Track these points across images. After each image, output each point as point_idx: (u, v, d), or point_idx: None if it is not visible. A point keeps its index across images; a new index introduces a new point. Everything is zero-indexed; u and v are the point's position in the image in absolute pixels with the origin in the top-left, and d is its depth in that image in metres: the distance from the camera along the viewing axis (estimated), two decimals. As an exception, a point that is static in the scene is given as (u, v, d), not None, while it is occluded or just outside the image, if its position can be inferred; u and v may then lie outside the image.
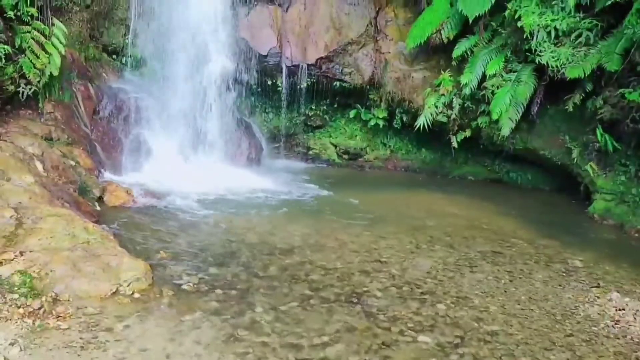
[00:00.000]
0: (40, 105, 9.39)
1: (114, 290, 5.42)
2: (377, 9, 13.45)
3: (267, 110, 14.01)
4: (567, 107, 10.18)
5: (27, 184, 7.11)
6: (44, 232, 6.06)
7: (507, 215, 9.99)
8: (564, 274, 7.28)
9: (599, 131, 9.70)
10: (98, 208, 8.50)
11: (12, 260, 5.39)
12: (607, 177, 10.09)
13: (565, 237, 8.84)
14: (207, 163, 11.76)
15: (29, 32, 9.07)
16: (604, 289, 6.78)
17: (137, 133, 11.10)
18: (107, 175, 10.09)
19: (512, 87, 10.61)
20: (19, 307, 4.79)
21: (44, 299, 4.98)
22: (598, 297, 6.50)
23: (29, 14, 9.12)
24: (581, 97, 10.04)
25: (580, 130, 10.43)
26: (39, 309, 4.84)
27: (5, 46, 8.48)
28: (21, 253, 5.55)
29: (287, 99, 13.60)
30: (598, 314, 6.08)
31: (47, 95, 9.55)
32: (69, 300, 5.10)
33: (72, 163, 8.92)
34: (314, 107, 14.01)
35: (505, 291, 6.56)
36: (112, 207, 8.77)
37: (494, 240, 8.48)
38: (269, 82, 13.41)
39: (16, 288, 5.03)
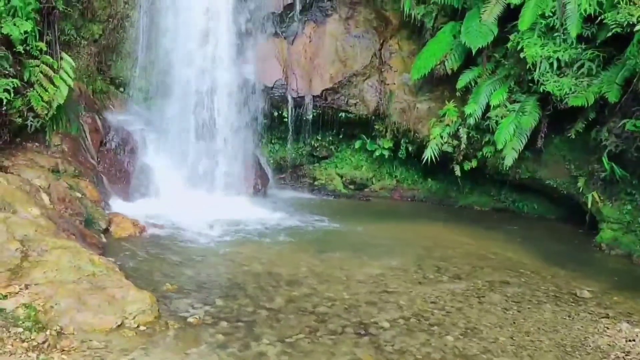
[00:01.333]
0: (47, 137, 9.48)
1: (119, 323, 5.38)
2: (381, 41, 13.60)
3: (273, 141, 14.09)
4: (569, 135, 10.19)
5: (33, 216, 7.12)
6: (49, 264, 6.04)
7: (514, 245, 9.92)
8: (573, 304, 7.19)
9: (604, 160, 9.68)
10: (104, 240, 8.50)
11: (17, 293, 5.38)
12: (614, 206, 10.03)
13: (573, 267, 8.76)
14: (214, 194, 11.77)
15: (38, 66, 9.22)
16: (614, 320, 6.69)
17: (144, 164, 11.17)
18: (114, 206, 10.12)
19: (516, 117, 10.64)
20: (23, 341, 4.75)
21: (48, 332, 4.95)
22: (608, 328, 6.41)
23: (38, 48, 9.28)
24: (584, 126, 10.06)
25: (586, 159, 10.43)
26: (44, 342, 4.80)
27: (14, 80, 8.61)
28: (26, 286, 5.53)
29: (293, 130, 13.68)
30: (608, 345, 5.98)
31: (54, 127, 9.65)
32: (73, 334, 5.06)
33: (79, 195, 8.96)
34: (319, 138, 14.08)
35: (514, 322, 6.48)
36: (118, 238, 8.77)
37: (502, 270, 8.41)
38: (275, 114, 13.50)
39: (20, 321, 5.00)
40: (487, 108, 11.10)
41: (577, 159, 10.68)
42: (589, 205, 10.19)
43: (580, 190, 10.51)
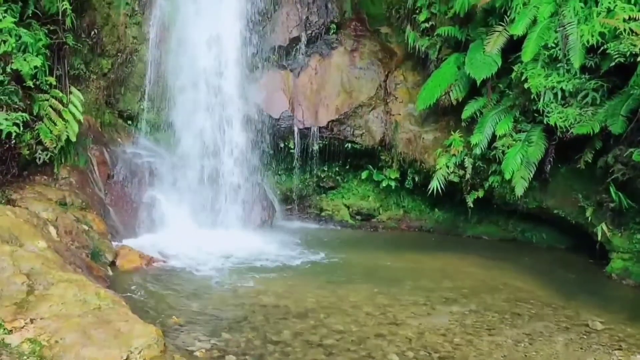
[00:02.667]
0: (55, 170, 9.55)
1: (124, 357, 5.31)
2: (386, 73, 13.74)
3: (279, 172, 14.14)
4: (579, 165, 10.15)
5: (40, 249, 7.12)
6: (55, 298, 6.01)
7: (524, 275, 9.81)
8: (585, 336, 7.07)
9: (612, 189, 9.63)
10: (110, 272, 8.48)
11: (23, 327, 5.34)
12: (623, 235, 9.93)
13: (584, 298, 8.64)
14: (220, 226, 11.78)
15: (47, 100, 9.35)
16: (627, 352, 6.56)
17: (151, 197, 11.20)
18: (120, 239, 10.12)
19: (522, 146, 10.64)
20: (28, 376, 4.71)
21: (53, 367, 4.90)
22: (621, 361, 6.29)
23: (48, 82, 9.42)
24: (592, 155, 10.03)
25: (593, 188, 10.36)
26: (49, 377, 4.75)
27: (24, 114, 8.72)
28: (31, 320, 5.49)
29: (300, 161, 13.74)
30: (623, 378, 5.86)
31: (62, 160, 9.73)
32: (78, 369, 5.01)
33: (86, 227, 8.97)
34: (326, 169, 14.12)
35: (526, 355, 6.37)
36: (125, 271, 8.75)
37: (512, 301, 8.30)
38: (282, 145, 13.58)
39: (25, 357, 4.95)
40: (493, 138, 11.12)
41: (584, 188, 10.62)
42: (599, 235, 10.09)
43: (589, 220, 10.43)
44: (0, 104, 8.50)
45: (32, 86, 9.09)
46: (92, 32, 11.44)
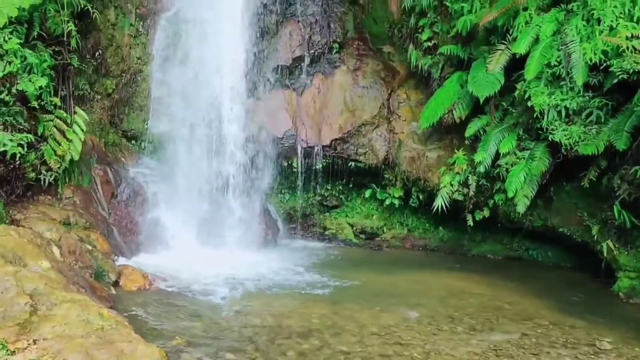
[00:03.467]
0: (59, 190, 9.57)
1: (127, 379, 5.27)
2: (389, 91, 13.78)
3: (283, 191, 14.13)
4: (583, 183, 10.11)
5: (43, 269, 7.10)
6: (58, 318, 5.98)
7: (530, 295, 9.73)
8: (593, 356, 6.98)
9: (616, 208, 9.58)
10: (114, 292, 8.45)
11: (25, 348, 5.30)
12: (629, 254, 9.86)
13: (591, 317, 8.55)
14: (224, 245, 11.73)
15: (52, 121, 9.40)
16: (637, 373, 6.48)
17: (154, 216, 11.21)
18: (124, 258, 10.11)
19: (526, 164, 10.61)
20: (30, 399, 4.66)
21: (55, 389, 4.85)
22: (631, 382, 6.20)
23: (53, 103, 9.48)
24: (596, 174, 9.99)
25: (598, 206, 10.31)
26: (51, 400, 4.70)
27: (28, 135, 8.76)
28: (34, 341, 5.45)
29: (303, 180, 13.73)
30: (632, 399, 5.77)
31: (66, 180, 9.75)
32: (81, 390, 4.96)
33: (89, 247, 8.96)
34: (329, 188, 14.11)
35: (533, 376, 6.29)
36: (128, 291, 8.72)
37: (518, 321, 8.21)
38: (285, 164, 13.59)
39: (28, 378, 4.91)
40: (497, 156, 11.09)
41: (589, 206, 10.57)
42: (605, 254, 10.02)
43: (595, 238, 10.36)
44: (5, 124, 8.54)
45: (37, 107, 9.16)
46: (97, 53, 11.54)
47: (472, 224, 12.05)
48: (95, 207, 10.33)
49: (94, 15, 10.97)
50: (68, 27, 9.91)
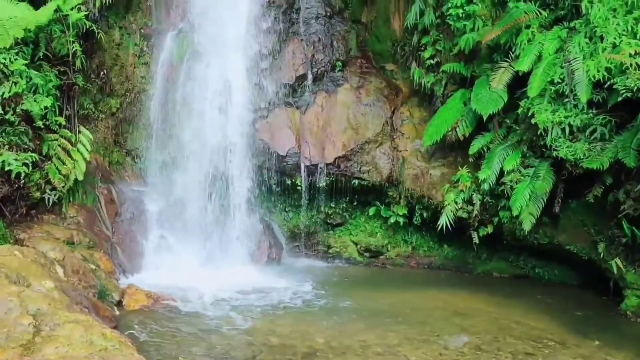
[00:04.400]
0: (63, 209, 9.59)
1: (130, 400, 5.22)
2: (392, 109, 13.79)
3: (286, 209, 14.08)
4: (587, 198, 10.05)
5: (47, 289, 7.08)
6: (61, 339, 5.94)
7: (537, 313, 9.63)
8: (602, 377, 6.90)
9: (624, 224, 9.52)
10: (117, 312, 8.42)
11: (28, 370, 5.26)
12: (637, 272, 9.75)
13: (599, 336, 8.45)
14: (228, 264, 11.69)
15: (56, 140, 9.46)
16: (647, 393, 6.38)
17: (158, 235, 11.21)
18: (127, 277, 10.09)
19: (530, 182, 10.57)
20: (32, 421, 4.61)
21: (58, 411, 4.80)
22: (641, 402, 6.10)
23: (57, 122, 9.55)
24: (602, 190, 9.94)
25: (605, 223, 10.23)
26: (53, 422, 4.64)
27: (33, 154, 8.82)
28: (37, 362, 5.42)
29: (307, 198, 13.69)
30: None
31: (70, 199, 9.78)
32: (84, 413, 4.91)
33: (93, 267, 8.95)
34: (333, 205, 14.05)
35: (541, 396, 6.21)
36: (131, 310, 8.70)
37: (525, 341, 8.13)
38: (288, 182, 13.56)
39: (31, 400, 4.86)
40: (501, 173, 11.06)
41: (596, 223, 10.49)
42: (612, 272, 9.93)
43: (602, 255, 10.26)
44: (10, 144, 8.60)
45: (42, 126, 9.22)
46: (102, 73, 11.64)
47: (477, 242, 11.98)
48: (99, 226, 10.34)
49: (99, 36, 11.09)
50: (73, 47, 10.02)
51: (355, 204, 14.16)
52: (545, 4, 10.87)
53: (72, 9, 10.00)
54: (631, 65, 8.66)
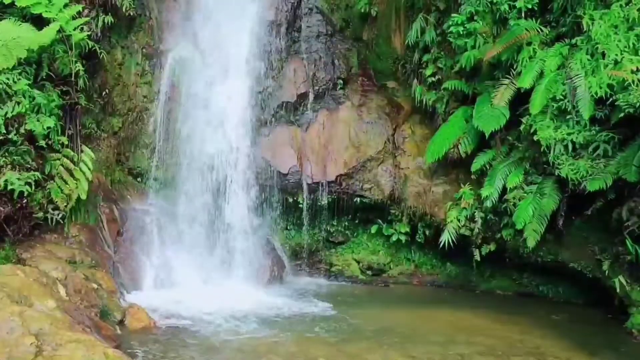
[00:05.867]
0: (66, 229, 9.55)
1: (133, 423, 5.15)
2: (394, 127, 13.81)
3: (288, 227, 14.04)
4: (588, 212, 10.01)
5: (49, 309, 7.04)
6: (63, 359, 5.90)
7: (542, 332, 9.54)
8: (610, 396, 6.81)
9: (628, 242, 9.46)
10: (119, 332, 8.36)
11: (30, 392, 5.21)
12: (642, 289, 9.70)
13: (604, 355, 8.38)
14: (230, 283, 11.63)
15: (59, 159, 9.46)
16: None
17: (160, 254, 11.17)
18: (129, 297, 10.03)
19: (534, 199, 10.53)
20: None
21: None
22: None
23: (60, 142, 9.55)
24: (603, 205, 9.89)
25: (609, 241, 10.17)
26: None
27: (35, 173, 8.81)
28: (40, 384, 5.36)
29: (309, 216, 13.66)
30: None
31: (73, 219, 9.75)
32: None
33: (95, 286, 8.90)
34: (335, 223, 14.02)
35: (549, 417, 6.12)
36: (133, 330, 8.64)
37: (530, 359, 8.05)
38: (290, 200, 13.54)
39: (32, 423, 4.80)
40: (504, 191, 11.02)
41: (600, 240, 10.43)
42: (617, 289, 9.85)
43: (606, 273, 10.19)
44: (13, 163, 8.60)
45: (45, 146, 9.24)
46: (104, 92, 11.69)
47: (479, 260, 11.91)
48: (101, 245, 10.30)
49: (102, 56, 11.15)
50: (76, 67, 10.07)
51: (357, 221, 14.13)
52: (546, 21, 10.94)
53: (74, 29, 10.07)
54: (633, 81, 8.67)
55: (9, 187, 8.46)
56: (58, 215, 9.26)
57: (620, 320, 10.12)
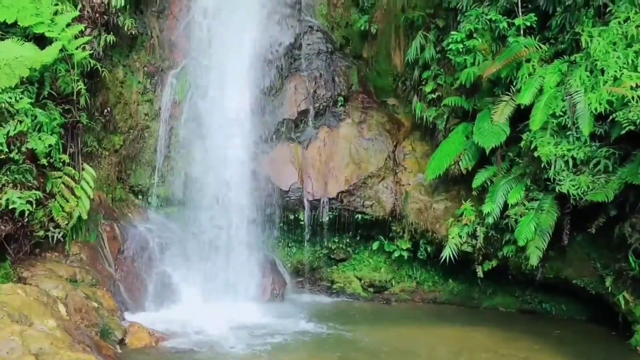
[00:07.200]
0: (66, 247, 9.54)
1: None
2: (394, 143, 13.84)
3: (290, 245, 14.00)
4: (590, 229, 9.97)
5: (49, 328, 7.01)
6: (64, 380, 5.86)
7: (545, 350, 9.47)
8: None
9: (631, 258, 9.42)
10: (119, 351, 8.32)
11: (30, 413, 5.16)
12: (646, 306, 9.64)
13: (609, 372, 8.31)
14: (231, 301, 11.58)
15: (60, 178, 9.48)
16: None
17: (161, 272, 11.14)
18: (130, 315, 9.98)
19: (535, 215, 10.51)
20: None
21: None
22: None
23: (61, 160, 9.58)
24: (605, 221, 9.87)
25: (612, 257, 10.13)
26: None
27: (37, 192, 8.81)
28: (40, 405, 5.32)
29: (310, 233, 13.63)
30: None
31: (74, 237, 9.75)
32: None
33: (95, 305, 8.87)
34: (336, 240, 13.98)
35: None
36: (134, 349, 8.62)
37: (534, 378, 7.99)
38: (291, 217, 13.52)
39: None
40: (505, 207, 11.00)
41: (602, 257, 10.39)
42: (621, 306, 9.79)
43: (609, 289, 10.13)
44: (15, 182, 8.61)
45: (46, 164, 9.26)
46: (105, 110, 11.73)
47: (481, 276, 11.86)
48: (102, 263, 10.28)
49: (103, 74, 11.21)
50: (78, 86, 10.13)
51: (358, 238, 14.09)
52: (545, 38, 11.03)
53: (77, 49, 10.15)
54: (633, 98, 8.70)
55: (10, 206, 8.46)
56: (59, 233, 9.26)
57: (624, 337, 10.04)
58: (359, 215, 13.56)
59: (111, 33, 11.53)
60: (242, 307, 11.44)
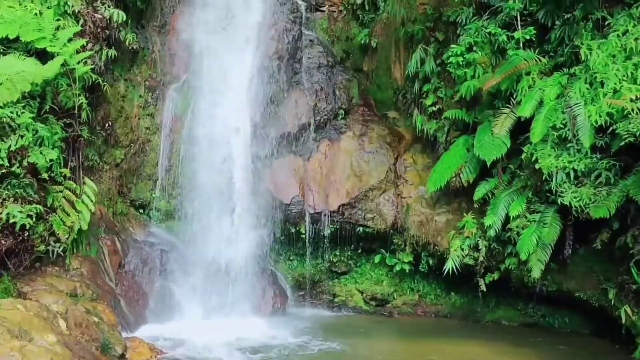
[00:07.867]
0: (67, 261, 9.52)
1: None
2: (395, 156, 13.85)
3: (291, 258, 13.94)
4: (595, 245, 9.95)
5: (49, 343, 6.98)
6: (63, 396, 5.81)
7: (549, 363, 9.41)
8: None
9: (633, 271, 9.38)
10: (120, 366, 8.25)
11: None
12: (649, 318, 9.57)
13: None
14: (232, 315, 11.55)
15: (61, 192, 9.47)
16: None
17: (162, 286, 11.11)
18: (131, 329, 9.93)
19: (537, 228, 10.48)
20: None
21: None
22: None
23: (62, 174, 9.58)
24: (609, 235, 9.85)
25: (614, 269, 10.08)
26: None
27: (37, 206, 8.80)
28: (39, 421, 5.27)
29: (311, 246, 13.58)
30: None
31: (74, 251, 9.73)
32: None
33: (96, 319, 8.82)
34: (338, 253, 13.92)
35: None
36: (135, 365, 8.51)
37: (538, 392, 7.92)
38: (293, 230, 13.49)
39: None
40: (507, 219, 10.97)
41: (605, 269, 10.34)
42: (623, 319, 9.72)
43: (612, 302, 10.08)
44: (16, 196, 8.60)
45: (47, 178, 9.26)
46: (107, 124, 11.74)
47: (484, 289, 11.79)
48: (103, 277, 10.25)
49: (105, 88, 11.23)
50: (79, 100, 10.16)
51: (360, 251, 14.03)
52: (544, 51, 11.08)
53: (78, 63, 10.18)
54: (633, 110, 8.71)
55: (11, 220, 8.45)
56: (59, 247, 9.24)
57: (627, 350, 9.97)
58: (361, 228, 13.53)
59: (113, 47, 11.58)
60: (243, 321, 11.40)
